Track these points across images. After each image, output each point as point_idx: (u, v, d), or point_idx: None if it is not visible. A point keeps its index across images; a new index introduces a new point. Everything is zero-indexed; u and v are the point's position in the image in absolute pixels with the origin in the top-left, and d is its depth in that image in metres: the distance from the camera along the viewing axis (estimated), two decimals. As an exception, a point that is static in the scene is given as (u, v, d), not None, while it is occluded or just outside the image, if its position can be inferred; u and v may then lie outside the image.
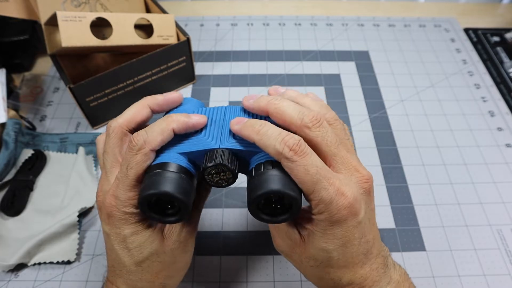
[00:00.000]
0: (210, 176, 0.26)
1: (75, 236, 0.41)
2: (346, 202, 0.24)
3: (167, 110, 0.31)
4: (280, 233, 0.27)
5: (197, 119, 0.27)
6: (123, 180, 0.26)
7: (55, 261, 0.39)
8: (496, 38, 0.66)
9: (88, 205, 0.43)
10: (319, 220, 0.25)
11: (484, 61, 0.62)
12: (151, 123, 0.28)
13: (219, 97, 0.56)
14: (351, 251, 0.26)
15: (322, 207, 0.24)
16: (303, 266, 0.28)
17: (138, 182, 0.26)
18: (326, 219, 0.25)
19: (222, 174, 0.26)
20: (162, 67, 0.51)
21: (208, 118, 0.29)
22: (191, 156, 0.27)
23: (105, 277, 0.31)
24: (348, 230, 0.25)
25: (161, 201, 0.26)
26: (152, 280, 0.28)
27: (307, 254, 0.26)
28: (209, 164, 0.25)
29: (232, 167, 0.26)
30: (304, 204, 0.26)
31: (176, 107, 0.31)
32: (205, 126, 0.28)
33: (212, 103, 0.55)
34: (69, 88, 0.45)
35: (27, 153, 0.47)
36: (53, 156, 0.48)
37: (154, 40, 0.49)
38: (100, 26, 0.49)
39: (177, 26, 0.52)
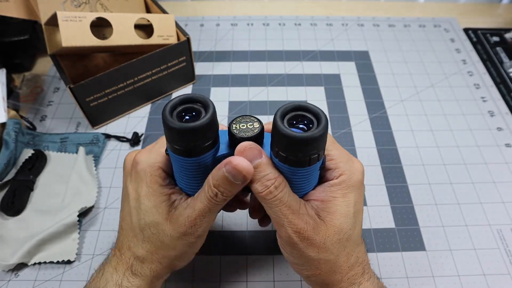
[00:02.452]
0: (237, 125, 0.27)
1: (75, 236, 0.41)
2: (360, 164, 0.29)
3: None
4: (301, 216, 0.27)
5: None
6: (160, 141, 0.30)
7: (55, 261, 0.39)
8: (496, 38, 0.66)
9: (88, 205, 0.43)
10: (340, 181, 0.28)
11: (484, 61, 0.62)
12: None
13: (219, 97, 0.56)
14: (360, 220, 0.29)
15: (342, 165, 0.28)
16: (326, 245, 0.27)
17: None
18: (347, 178, 0.28)
19: (249, 124, 0.27)
20: (162, 67, 0.51)
21: None
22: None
23: (112, 246, 0.32)
24: (360, 196, 0.29)
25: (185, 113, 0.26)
26: (151, 252, 0.29)
27: (331, 229, 0.27)
28: (238, 115, 0.27)
29: (260, 121, 0.27)
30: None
31: None
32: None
33: (212, 103, 0.55)
34: (69, 88, 0.45)
35: (27, 153, 0.47)
36: (53, 156, 0.48)
37: (154, 40, 0.49)
38: (100, 26, 0.49)
39: (177, 26, 0.52)
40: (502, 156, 0.50)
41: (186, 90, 0.57)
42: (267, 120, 0.54)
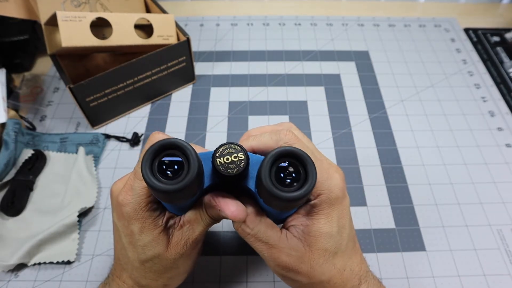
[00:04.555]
0: (221, 158, 0.25)
1: (75, 236, 0.41)
2: (340, 177, 0.28)
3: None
4: (284, 249, 0.27)
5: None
6: (139, 171, 0.27)
7: (55, 261, 0.39)
8: (496, 38, 0.66)
9: (88, 205, 0.43)
10: (320, 202, 0.27)
11: (484, 61, 0.62)
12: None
13: (219, 97, 0.56)
14: (346, 234, 0.28)
15: (320, 185, 0.27)
16: (314, 270, 0.27)
17: None
18: (326, 198, 0.27)
19: (234, 156, 0.25)
20: (162, 67, 0.51)
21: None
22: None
23: (110, 270, 0.31)
24: (343, 210, 0.28)
25: (166, 166, 0.24)
26: (155, 279, 0.29)
27: (316, 253, 0.27)
28: (223, 143, 0.25)
29: (245, 150, 0.25)
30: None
31: None
32: None
33: (212, 103, 0.55)
34: (69, 88, 0.45)
35: (27, 153, 0.47)
36: (53, 156, 0.48)
37: (154, 40, 0.49)
38: (100, 26, 0.49)
39: (177, 26, 0.52)
40: (502, 156, 0.50)
41: (186, 90, 0.57)
42: (267, 122, 0.54)
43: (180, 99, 0.56)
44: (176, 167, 0.24)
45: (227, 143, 0.25)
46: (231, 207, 0.26)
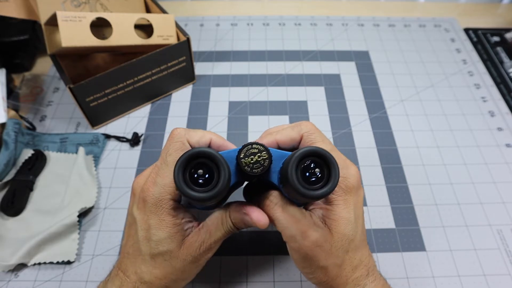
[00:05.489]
0: (246, 159, 0.26)
1: (75, 236, 0.41)
2: (355, 168, 0.30)
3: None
4: (310, 225, 0.28)
5: (230, 144, 0.31)
6: (163, 167, 0.29)
7: (55, 261, 0.39)
8: (496, 38, 0.66)
9: (88, 205, 0.43)
10: (338, 189, 0.29)
11: (484, 61, 0.62)
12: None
13: (219, 97, 0.56)
14: (361, 224, 0.30)
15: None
16: (332, 252, 0.28)
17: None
18: (343, 184, 0.29)
19: (258, 155, 0.26)
20: (162, 67, 0.51)
21: None
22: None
23: (114, 265, 0.31)
24: (359, 200, 0.30)
25: (197, 176, 0.26)
26: (160, 278, 0.29)
27: (336, 236, 0.28)
28: (246, 143, 0.26)
29: (267, 148, 0.27)
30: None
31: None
32: None
33: (212, 103, 0.55)
34: (69, 88, 0.45)
35: (27, 153, 0.47)
36: (53, 156, 0.48)
37: (154, 40, 0.49)
38: (100, 26, 0.49)
39: (177, 26, 0.52)
40: (502, 156, 0.50)
41: (186, 90, 0.57)
42: (267, 122, 0.54)
43: (180, 99, 0.56)
44: (207, 175, 0.26)
45: (249, 144, 0.26)
46: (257, 212, 0.28)
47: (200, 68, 0.60)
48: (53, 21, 0.46)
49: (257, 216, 0.28)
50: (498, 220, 0.44)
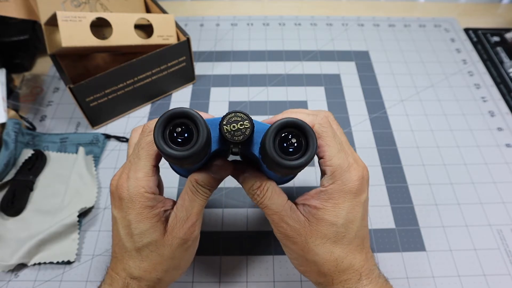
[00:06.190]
0: (228, 126, 0.26)
1: (75, 236, 0.41)
2: (359, 173, 0.28)
3: None
4: (285, 217, 0.29)
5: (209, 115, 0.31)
6: (135, 161, 0.29)
7: (55, 261, 0.39)
8: (496, 38, 0.66)
9: (88, 205, 0.43)
10: (332, 190, 0.28)
11: (484, 61, 0.62)
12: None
13: (219, 97, 0.56)
14: (354, 229, 0.28)
15: (338, 174, 0.28)
16: (308, 246, 0.28)
17: (148, 164, 0.29)
18: (339, 188, 0.28)
19: (240, 124, 0.26)
20: (162, 67, 0.51)
21: None
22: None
23: (107, 267, 0.31)
24: (355, 205, 0.28)
25: (176, 135, 0.26)
26: (149, 270, 0.29)
27: (314, 233, 0.28)
28: (230, 111, 0.26)
29: (250, 118, 0.27)
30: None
31: None
32: None
33: (212, 103, 0.55)
34: (69, 88, 0.45)
35: (27, 153, 0.47)
36: (53, 156, 0.48)
37: (154, 40, 0.49)
38: (100, 26, 0.49)
39: (177, 26, 0.52)
40: (502, 156, 0.50)
41: (186, 90, 0.57)
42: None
43: (180, 99, 0.56)
44: (186, 134, 0.25)
45: (233, 111, 0.26)
46: (218, 161, 0.29)
47: (200, 68, 0.60)
48: (53, 21, 0.46)
49: (220, 162, 0.29)
50: (498, 220, 0.44)
